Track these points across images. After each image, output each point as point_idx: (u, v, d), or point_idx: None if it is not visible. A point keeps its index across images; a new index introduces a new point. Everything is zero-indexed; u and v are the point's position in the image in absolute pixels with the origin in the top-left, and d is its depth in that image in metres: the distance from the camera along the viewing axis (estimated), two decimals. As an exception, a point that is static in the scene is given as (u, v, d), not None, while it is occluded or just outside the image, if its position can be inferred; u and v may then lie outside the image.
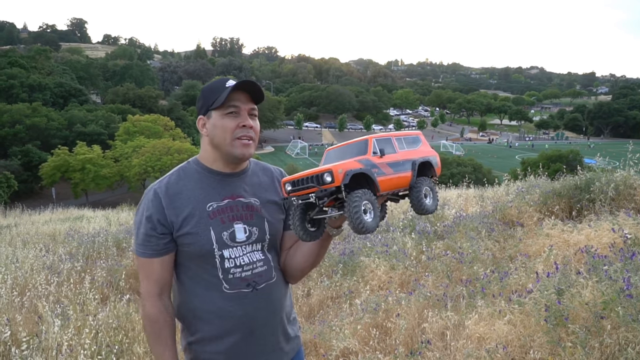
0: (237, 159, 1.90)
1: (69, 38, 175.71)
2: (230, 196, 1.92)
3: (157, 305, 1.86)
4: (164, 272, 1.87)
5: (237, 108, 1.85)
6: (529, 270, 4.37)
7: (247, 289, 1.88)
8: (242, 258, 1.89)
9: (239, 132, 1.86)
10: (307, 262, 1.98)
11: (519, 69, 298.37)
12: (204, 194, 1.89)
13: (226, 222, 1.88)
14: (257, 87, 1.88)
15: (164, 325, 1.87)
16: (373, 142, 1.74)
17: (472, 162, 42.75)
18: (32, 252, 7.56)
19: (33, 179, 44.07)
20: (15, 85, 62.00)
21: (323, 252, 1.99)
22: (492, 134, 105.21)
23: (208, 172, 1.93)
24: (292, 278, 2.05)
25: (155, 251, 1.84)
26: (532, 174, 9.93)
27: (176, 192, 1.87)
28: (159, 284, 1.87)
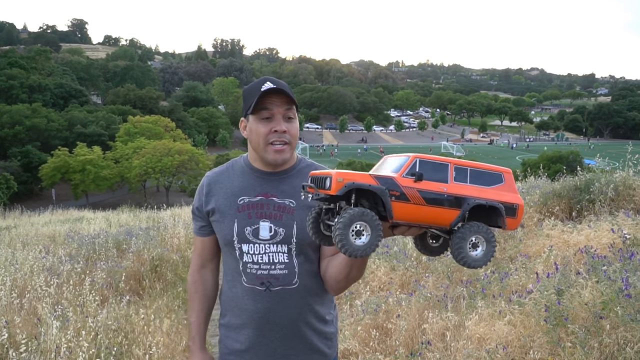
0: (271, 164, 1.92)
1: (70, 39, 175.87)
2: (264, 194, 1.93)
3: (194, 275, 2.10)
4: (205, 250, 2.08)
5: (270, 112, 1.85)
6: (529, 271, 4.37)
7: (260, 287, 1.90)
8: (262, 256, 1.90)
9: (271, 137, 1.86)
10: (341, 273, 1.86)
11: (520, 70, 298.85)
12: (240, 187, 1.96)
13: (253, 217, 1.91)
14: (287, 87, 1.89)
15: (194, 293, 2.10)
16: (414, 162, 1.46)
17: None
18: (31, 253, 7.55)
19: (33, 180, 44.13)
20: (15, 86, 62.09)
21: (357, 265, 1.81)
22: (492, 135, 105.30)
23: (250, 169, 1.99)
24: (331, 289, 1.97)
25: (196, 230, 2.07)
26: (532, 174, 9.94)
27: (217, 182, 2.00)
28: (201, 257, 2.10)
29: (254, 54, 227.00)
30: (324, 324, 2.00)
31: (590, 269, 3.37)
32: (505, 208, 1.49)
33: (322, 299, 2.00)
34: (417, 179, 1.44)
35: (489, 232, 1.48)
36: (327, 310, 2.03)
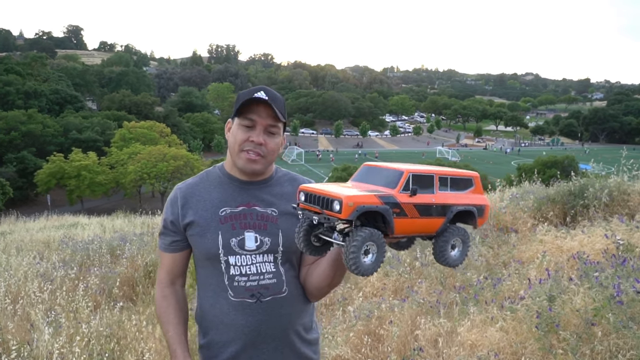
0: (243, 171, 1.90)
1: (65, 45, 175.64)
2: (246, 204, 1.90)
3: (163, 290, 1.99)
4: (175, 266, 1.99)
5: (252, 122, 1.84)
6: (522, 277, 4.38)
7: (251, 299, 1.85)
8: (250, 267, 1.86)
9: (246, 145, 1.84)
10: (324, 280, 1.87)
11: (514, 75, 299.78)
12: (220, 198, 1.91)
13: (237, 228, 1.87)
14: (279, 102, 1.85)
15: (167, 307, 1.97)
16: (408, 177, 1.52)
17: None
18: (25, 259, 7.52)
19: (28, 185, 44.00)
20: (11, 92, 61.98)
21: (339, 273, 1.84)
22: (488, 140, 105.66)
23: (228, 178, 1.95)
24: (311, 296, 1.98)
25: (165, 247, 1.97)
26: (526, 179, 9.97)
27: (194, 194, 1.93)
28: (169, 274, 2.00)
29: (249, 59, 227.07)
30: (309, 332, 2.00)
31: (583, 275, 3.38)
32: (478, 210, 1.65)
33: (307, 306, 2.00)
34: (412, 193, 1.51)
35: (466, 234, 1.62)
36: (311, 317, 2.03)
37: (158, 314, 2.01)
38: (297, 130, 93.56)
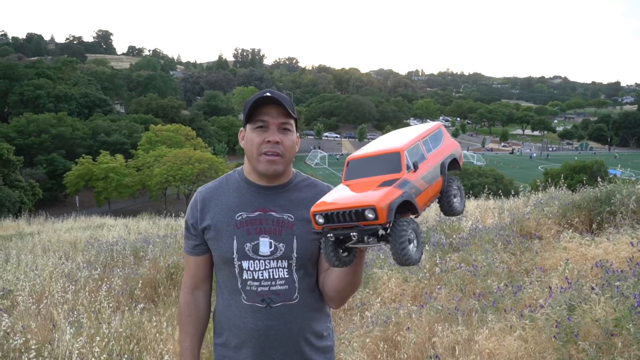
0: (263, 175, 1.90)
1: (95, 49, 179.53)
2: (262, 209, 1.90)
3: (186, 297, 2.03)
4: (198, 269, 2.02)
5: (264, 122, 1.84)
6: (544, 285, 4.30)
7: (261, 304, 1.87)
8: (262, 272, 1.87)
9: (264, 147, 1.84)
10: (341, 284, 1.85)
11: (542, 79, 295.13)
12: (237, 203, 1.92)
13: (252, 233, 1.88)
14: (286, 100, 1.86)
15: (187, 316, 2.01)
16: (405, 156, 1.54)
17: (494, 173, 42.31)
18: (51, 259, 7.69)
19: (58, 187, 45.04)
20: (42, 96, 63.70)
21: (359, 269, 1.83)
22: (514, 144, 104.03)
23: (246, 183, 1.95)
24: (332, 301, 1.96)
25: (188, 250, 2.01)
26: (552, 185, 9.77)
27: (212, 198, 1.95)
28: (193, 278, 2.03)
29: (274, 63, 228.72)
30: (320, 339, 1.98)
31: (605, 284, 3.29)
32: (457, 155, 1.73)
33: (320, 314, 1.98)
34: (415, 168, 1.54)
35: (458, 180, 1.70)
36: (323, 325, 2.01)
37: (178, 320, 2.06)
38: (321, 134, 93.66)
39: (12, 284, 5.74)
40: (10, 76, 68.51)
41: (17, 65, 74.74)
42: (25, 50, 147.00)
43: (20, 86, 65.69)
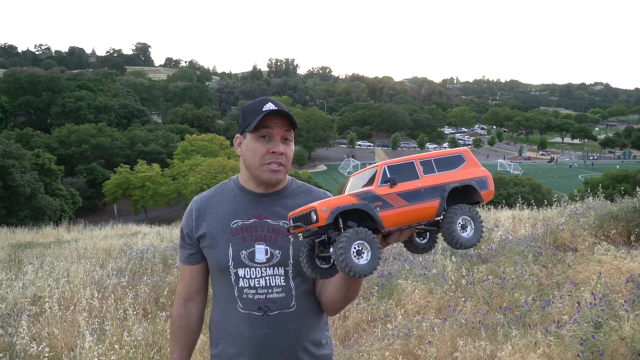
0: (265, 184, 1.90)
1: (134, 62, 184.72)
2: (258, 216, 1.90)
3: (179, 309, 2.02)
4: (193, 279, 2.00)
5: (270, 132, 1.84)
6: (575, 299, 4.12)
7: (258, 312, 1.86)
8: (259, 280, 1.86)
9: (268, 157, 1.84)
10: (337, 295, 1.86)
11: (582, 85, 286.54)
12: (232, 210, 1.92)
13: (247, 241, 1.87)
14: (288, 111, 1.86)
15: (179, 328, 2.02)
16: (383, 170, 1.52)
17: (531, 182, 41.23)
18: (84, 267, 7.86)
19: (97, 195, 46.26)
20: (83, 107, 65.83)
21: (353, 287, 1.83)
22: (553, 153, 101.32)
23: (241, 191, 1.95)
24: (328, 310, 1.97)
25: (183, 259, 2.00)
26: (590, 195, 9.44)
27: (207, 206, 1.96)
28: (187, 289, 2.02)
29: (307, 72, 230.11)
30: (319, 347, 1.96)
31: (636, 299, 3.12)
32: (476, 183, 1.58)
33: (318, 322, 1.96)
34: (392, 183, 1.50)
35: (473, 210, 1.54)
36: (322, 333, 1.99)
37: (170, 330, 2.07)
38: (354, 143, 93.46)
39: (42, 290, 5.88)
40: (53, 88, 71.12)
41: (60, 77, 77.46)
42: (68, 63, 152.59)
43: (63, 98, 68.06)
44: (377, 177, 1.51)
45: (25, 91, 71.25)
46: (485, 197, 1.59)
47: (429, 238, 1.69)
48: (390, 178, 1.50)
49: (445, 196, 1.53)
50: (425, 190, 1.52)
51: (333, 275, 1.67)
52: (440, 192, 1.53)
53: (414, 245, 1.68)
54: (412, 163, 1.56)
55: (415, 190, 1.51)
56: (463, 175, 1.59)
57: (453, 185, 1.55)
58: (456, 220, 1.52)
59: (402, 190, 1.50)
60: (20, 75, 74.89)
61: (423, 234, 1.69)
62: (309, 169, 64.36)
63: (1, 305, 5.39)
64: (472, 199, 1.60)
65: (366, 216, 1.48)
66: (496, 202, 15.72)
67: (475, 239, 1.54)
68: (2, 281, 6.70)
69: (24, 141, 45.39)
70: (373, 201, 1.47)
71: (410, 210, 1.50)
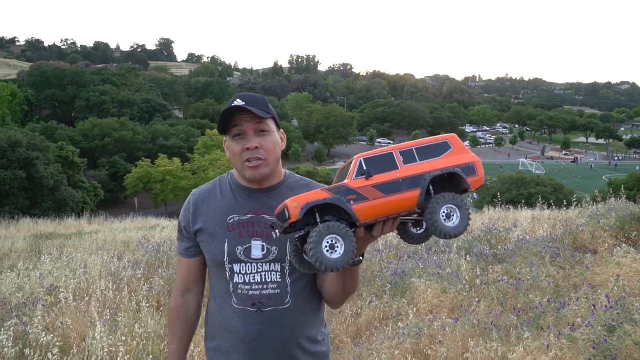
0: (251, 181, 1.89)
1: (157, 57, 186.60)
2: (255, 212, 1.89)
3: (177, 300, 2.03)
4: (190, 272, 2.01)
5: (240, 129, 1.82)
6: (591, 302, 4.02)
7: (252, 308, 1.85)
8: (254, 276, 1.85)
9: (245, 154, 1.83)
10: (335, 288, 1.87)
11: (608, 85, 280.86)
12: (229, 206, 1.91)
13: (244, 236, 1.87)
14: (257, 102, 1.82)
15: (177, 319, 2.02)
16: (358, 162, 1.51)
17: (553, 182, 40.56)
18: (101, 258, 7.96)
19: (118, 189, 46.98)
20: (106, 101, 66.88)
21: (350, 281, 1.84)
22: (577, 153, 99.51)
23: (237, 187, 1.95)
24: (330, 303, 1.98)
25: (181, 252, 2.01)
26: (613, 196, 9.24)
27: (205, 201, 1.95)
28: (185, 280, 2.02)
29: (328, 69, 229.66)
30: (315, 344, 1.95)
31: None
32: (463, 170, 1.51)
33: (314, 319, 1.95)
34: (368, 176, 1.47)
35: (457, 198, 1.48)
36: (318, 330, 1.97)
37: (169, 322, 2.07)
38: (374, 140, 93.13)
39: (59, 280, 5.97)
40: (78, 82, 72.31)
41: (85, 72, 78.70)
42: (93, 58, 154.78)
43: (87, 92, 69.18)
44: (352, 170, 1.50)
45: (50, 85, 72.61)
46: (473, 184, 1.52)
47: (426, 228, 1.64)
48: (365, 170, 1.49)
49: (425, 185, 1.48)
50: (403, 180, 1.49)
51: None
52: (421, 182, 1.49)
53: (408, 235, 1.64)
54: (392, 154, 1.53)
55: (393, 182, 1.48)
56: (448, 163, 1.53)
57: (435, 174, 1.50)
58: (439, 210, 1.47)
59: (378, 182, 1.48)
60: (46, 69, 76.28)
61: (419, 223, 1.64)
62: (328, 166, 64.29)
63: (18, 294, 5.50)
64: (459, 186, 1.54)
65: (342, 210, 1.47)
66: (516, 202, 15.51)
67: (461, 228, 1.48)
68: (21, 271, 6.83)
69: (48, 134, 46.29)
70: (347, 195, 1.46)
71: (388, 202, 1.47)
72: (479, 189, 1.56)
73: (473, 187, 1.52)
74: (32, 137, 32.85)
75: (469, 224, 1.50)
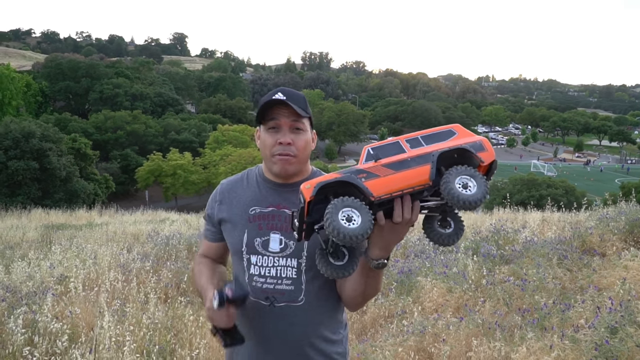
0: (277, 175, 1.91)
1: (171, 51, 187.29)
2: (277, 205, 1.91)
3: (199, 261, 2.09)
4: (210, 252, 2.09)
5: (276, 123, 1.84)
6: (597, 304, 4.01)
7: (265, 301, 1.86)
8: (269, 269, 1.86)
9: (276, 149, 1.85)
10: (356, 290, 1.84)
11: (623, 87, 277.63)
12: (252, 198, 1.94)
13: (263, 228, 1.89)
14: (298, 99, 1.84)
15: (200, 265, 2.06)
16: (366, 151, 1.58)
17: (564, 184, 40.21)
18: (110, 250, 8.05)
19: (130, 181, 47.29)
20: (120, 94, 67.28)
21: (371, 282, 1.79)
22: (589, 155, 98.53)
23: (263, 179, 1.98)
24: (348, 306, 1.96)
25: (205, 234, 2.09)
26: (623, 199, 9.18)
27: (231, 191, 2.00)
28: (205, 255, 2.11)
29: (341, 66, 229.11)
30: (330, 345, 1.92)
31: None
32: (471, 146, 1.54)
33: (330, 319, 1.93)
34: (376, 159, 1.54)
35: (470, 169, 1.50)
36: (334, 330, 1.95)
37: (193, 279, 2.16)
38: (385, 139, 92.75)
39: (69, 270, 6.06)
40: (92, 75, 72.83)
41: (99, 65, 79.20)
42: (107, 50, 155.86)
43: (101, 85, 69.65)
44: (361, 159, 1.57)
45: (65, 77, 73.19)
46: (485, 158, 1.53)
47: (454, 227, 1.62)
48: (373, 155, 1.55)
49: (434, 159, 1.52)
50: (412, 159, 1.53)
51: (348, 272, 1.65)
52: (430, 158, 1.53)
53: (436, 234, 1.62)
54: (398, 142, 1.59)
55: (402, 160, 1.53)
56: (455, 144, 1.56)
57: (443, 150, 1.53)
58: (453, 180, 1.48)
59: (387, 162, 1.53)
60: (61, 61, 76.90)
61: (446, 223, 1.63)
62: (339, 163, 64.27)
63: (28, 283, 5.59)
64: (469, 162, 1.55)
65: (355, 190, 1.51)
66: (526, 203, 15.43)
67: (479, 195, 1.46)
68: (31, 260, 6.94)
69: (61, 125, 46.71)
70: (357, 174, 1.52)
71: (399, 176, 1.51)
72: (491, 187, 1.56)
73: (485, 160, 1.53)
74: (46, 128, 33.17)
75: (487, 192, 1.49)
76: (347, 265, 1.64)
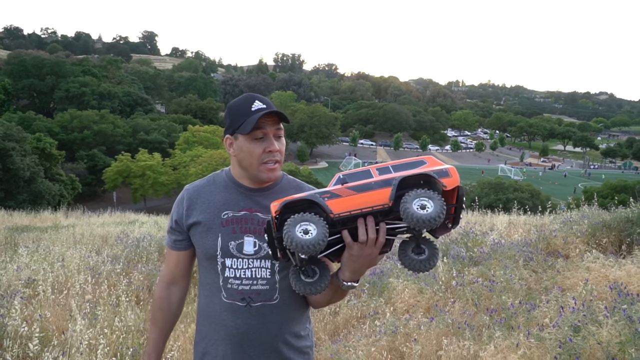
0: (263, 182, 1.95)
1: (140, 50, 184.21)
2: (249, 209, 1.95)
3: (162, 291, 2.08)
4: (179, 264, 2.06)
5: (263, 132, 1.87)
6: (560, 304, 4.18)
7: (241, 302, 1.90)
8: (245, 271, 1.90)
9: (265, 157, 1.88)
10: (321, 298, 1.95)
11: (587, 94, 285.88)
12: (224, 202, 1.96)
13: (237, 232, 1.92)
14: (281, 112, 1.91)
15: (159, 310, 2.08)
16: (337, 177, 1.69)
17: (530, 188, 41.24)
18: (79, 252, 7.91)
19: (97, 182, 46.38)
20: (86, 93, 65.91)
21: (338, 296, 1.94)
22: (554, 160, 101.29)
23: (234, 184, 1.99)
24: (311, 304, 2.04)
25: (171, 245, 2.05)
26: (585, 203, 9.52)
27: (199, 196, 1.99)
28: (172, 273, 2.07)
29: (313, 69, 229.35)
30: (299, 339, 2.01)
31: (616, 306, 3.18)
32: (436, 173, 1.60)
33: (300, 315, 2.01)
34: (343, 183, 1.65)
35: (429, 192, 1.56)
36: (303, 326, 2.04)
37: (151, 311, 2.13)
38: (356, 141, 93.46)
39: (37, 273, 5.94)
40: (58, 73, 71.14)
41: (65, 62, 77.46)
42: (74, 48, 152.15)
43: (67, 83, 68.13)
44: (331, 182, 1.68)
45: (29, 74, 71.26)
46: (448, 183, 1.59)
47: (428, 253, 1.68)
48: (342, 179, 1.66)
49: (396, 182, 1.60)
50: (376, 182, 1.63)
51: (318, 290, 1.74)
52: (392, 182, 1.61)
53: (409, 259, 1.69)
54: (368, 170, 1.69)
55: (366, 184, 1.63)
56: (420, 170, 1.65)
57: (406, 175, 1.61)
58: (411, 201, 1.55)
59: (352, 185, 1.64)
60: (24, 58, 74.91)
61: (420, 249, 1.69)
62: (310, 165, 64.36)
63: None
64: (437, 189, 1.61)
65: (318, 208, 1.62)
66: (494, 207, 15.79)
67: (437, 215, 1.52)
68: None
69: (25, 124, 45.45)
70: (322, 194, 1.64)
71: (359, 196, 1.61)
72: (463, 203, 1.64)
73: (448, 185, 1.59)
74: (9, 127, 32.27)
75: (443, 212, 1.54)
76: (317, 282, 1.73)
